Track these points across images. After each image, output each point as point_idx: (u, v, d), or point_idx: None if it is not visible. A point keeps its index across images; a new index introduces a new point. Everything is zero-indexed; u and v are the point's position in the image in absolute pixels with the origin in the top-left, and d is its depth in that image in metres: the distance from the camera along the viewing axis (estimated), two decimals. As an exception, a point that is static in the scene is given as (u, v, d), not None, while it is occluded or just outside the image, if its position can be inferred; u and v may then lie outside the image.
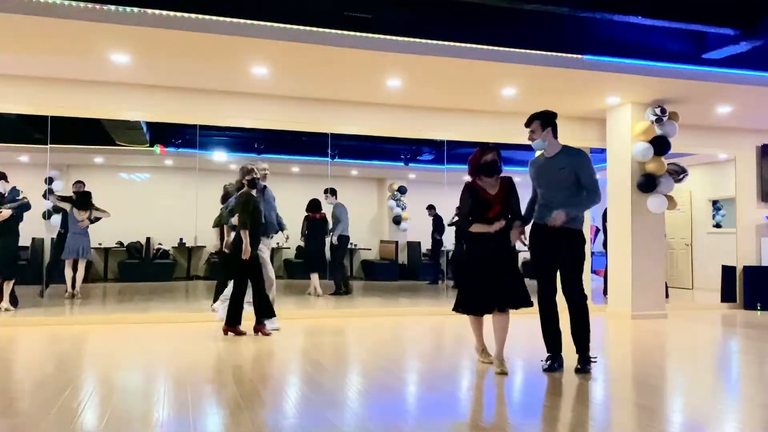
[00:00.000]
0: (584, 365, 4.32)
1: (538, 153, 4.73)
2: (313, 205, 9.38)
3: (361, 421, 3.16)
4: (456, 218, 11.14)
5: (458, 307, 4.49)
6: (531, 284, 4.39)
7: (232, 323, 5.75)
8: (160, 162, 11.68)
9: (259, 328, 5.76)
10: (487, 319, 4.45)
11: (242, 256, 5.60)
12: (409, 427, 3.07)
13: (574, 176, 4.34)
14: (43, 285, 8.52)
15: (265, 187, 6.32)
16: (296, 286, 9.88)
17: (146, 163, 11.90)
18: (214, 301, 7.83)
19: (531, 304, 4.32)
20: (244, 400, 3.49)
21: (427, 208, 11.77)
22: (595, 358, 4.43)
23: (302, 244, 9.91)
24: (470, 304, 4.40)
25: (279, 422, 3.11)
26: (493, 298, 4.28)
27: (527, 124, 4.47)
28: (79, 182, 8.97)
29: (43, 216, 8.91)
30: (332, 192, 9.44)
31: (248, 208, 5.70)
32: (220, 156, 10.65)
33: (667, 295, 9.39)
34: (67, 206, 8.40)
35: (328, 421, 3.14)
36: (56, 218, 9.83)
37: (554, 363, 4.44)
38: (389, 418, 3.23)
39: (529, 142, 4.52)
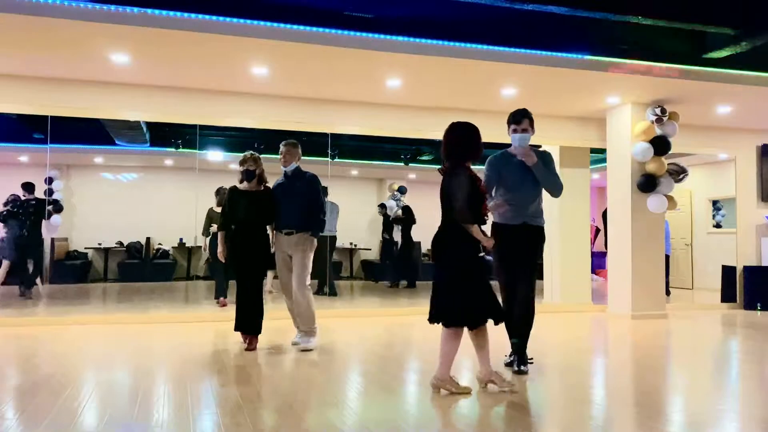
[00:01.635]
0: (520, 365, 4.21)
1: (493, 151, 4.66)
2: None
3: (361, 421, 3.16)
4: (400, 212, 10.97)
5: (438, 319, 3.74)
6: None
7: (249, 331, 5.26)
8: (159, 162, 11.67)
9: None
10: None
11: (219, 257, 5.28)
12: (409, 427, 3.07)
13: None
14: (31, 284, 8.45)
15: (284, 174, 5.31)
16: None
17: (146, 163, 11.90)
18: (217, 297, 7.87)
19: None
20: (244, 400, 3.49)
21: (378, 206, 11.85)
22: (532, 359, 4.34)
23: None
24: (465, 314, 3.67)
25: (279, 422, 3.11)
26: (488, 305, 3.69)
27: (517, 122, 4.34)
28: (30, 184, 8.57)
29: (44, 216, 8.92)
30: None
31: (223, 209, 5.41)
32: (218, 156, 10.64)
33: (668, 292, 9.42)
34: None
35: (329, 421, 3.14)
36: (56, 218, 9.83)
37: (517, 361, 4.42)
38: (389, 418, 3.23)
39: (510, 137, 4.40)
